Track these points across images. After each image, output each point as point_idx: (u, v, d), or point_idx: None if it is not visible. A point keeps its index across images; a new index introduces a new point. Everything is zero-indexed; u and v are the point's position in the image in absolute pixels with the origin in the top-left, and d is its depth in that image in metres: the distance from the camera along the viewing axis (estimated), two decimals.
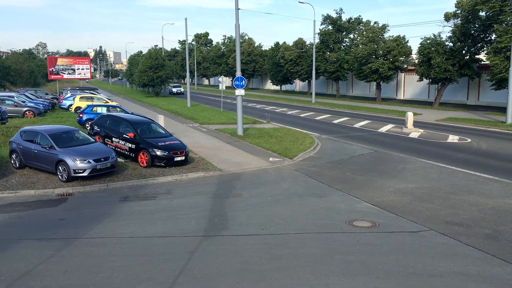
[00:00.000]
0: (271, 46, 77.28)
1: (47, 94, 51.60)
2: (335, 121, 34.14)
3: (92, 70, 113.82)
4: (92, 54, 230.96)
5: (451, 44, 41.74)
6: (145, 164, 17.14)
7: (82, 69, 63.73)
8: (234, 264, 8.63)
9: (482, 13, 38.01)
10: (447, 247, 9.54)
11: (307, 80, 68.31)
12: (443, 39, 42.11)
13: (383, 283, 7.82)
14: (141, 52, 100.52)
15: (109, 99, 40.04)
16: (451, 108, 42.25)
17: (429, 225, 10.88)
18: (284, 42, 71.29)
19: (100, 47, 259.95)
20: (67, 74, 62.99)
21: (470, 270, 8.35)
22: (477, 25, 39.33)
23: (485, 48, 39.77)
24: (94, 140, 17.38)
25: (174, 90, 75.00)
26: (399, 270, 8.31)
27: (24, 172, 16.22)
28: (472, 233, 10.32)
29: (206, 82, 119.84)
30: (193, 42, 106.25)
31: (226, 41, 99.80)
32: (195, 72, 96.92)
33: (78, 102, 36.04)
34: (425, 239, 10.08)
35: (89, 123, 23.52)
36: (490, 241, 9.80)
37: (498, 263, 8.68)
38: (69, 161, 14.72)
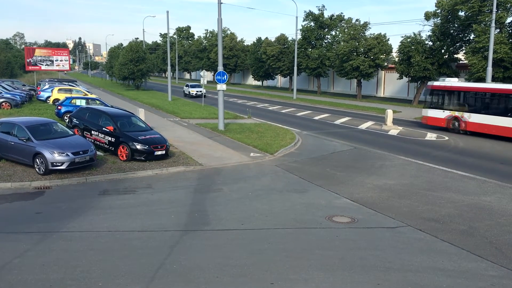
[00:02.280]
0: (253, 42, 77.04)
1: (24, 85, 50.58)
2: (316, 118, 34.33)
3: (71, 62, 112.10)
4: (71, 46, 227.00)
5: (430, 43, 42.32)
6: (125, 158, 16.97)
7: (61, 60, 62.56)
8: (214, 258, 8.63)
9: (462, 13, 38.63)
10: (424, 243, 9.72)
11: (288, 76, 68.47)
12: (423, 38, 42.71)
13: (361, 277, 7.92)
14: (122, 44, 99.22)
15: (88, 92, 39.47)
16: None
17: (407, 221, 11.06)
18: (266, 38, 71.21)
19: (80, 38, 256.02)
20: (45, 65, 61.76)
21: (446, 265, 8.52)
22: (456, 25, 39.97)
23: (463, 48, 40.52)
24: (72, 133, 17.13)
25: (193, 91, 52.78)
26: (377, 265, 8.42)
27: (0, 164, 15.89)
28: (449, 229, 10.52)
29: (187, 76, 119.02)
30: (174, 36, 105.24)
31: (208, 35, 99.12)
32: (177, 66, 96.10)
33: (56, 94, 35.42)
34: (402, 234, 10.24)
35: (68, 115, 23.18)
36: (466, 237, 10.00)
37: (473, 258, 8.87)
38: (47, 154, 14.48)
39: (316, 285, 7.59)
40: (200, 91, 50.08)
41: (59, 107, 26.98)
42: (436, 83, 29.04)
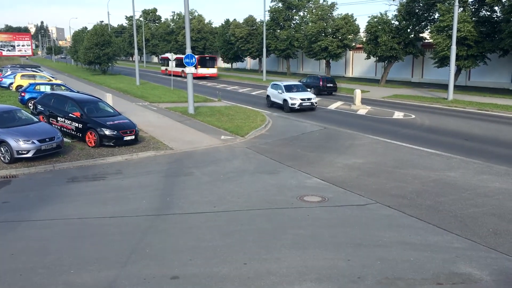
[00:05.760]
0: (222, 23, 76.31)
1: None
2: None
3: (34, 47, 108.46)
4: (33, 30, 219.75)
5: (397, 22, 42.74)
6: (93, 144, 16.70)
7: (23, 45, 60.73)
8: (187, 241, 8.67)
9: None
10: (392, 219, 9.99)
11: (258, 58, 68.23)
12: (390, 18, 43.08)
13: (332, 254, 8.10)
14: (86, 28, 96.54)
15: (52, 77, 38.43)
16: (397, 86, 43.55)
17: (376, 198, 11.31)
18: (235, 20, 70.66)
19: (42, 22, 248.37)
20: (7, 50, 59.86)
21: (413, 239, 8.80)
22: (421, 4, 40.43)
23: (428, 27, 41.13)
24: (38, 120, 16.71)
25: (295, 101, 27.43)
26: (347, 242, 8.63)
27: None
28: (415, 204, 10.83)
29: (155, 59, 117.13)
30: (141, 19, 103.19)
31: (175, 17, 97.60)
32: (144, 50, 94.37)
33: (20, 80, 34.37)
34: (371, 211, 10.49)
35: (32, 102, 22.53)
36: (432, 212, 10.32)
37: (438, 232, 9.18)
38: (12, 142, 14.10)
39: (288, 263, 7.72)
40: (310, 100, 28.09)
41: (22, 94, 26.23)
42: (162, 56, 67.67)
